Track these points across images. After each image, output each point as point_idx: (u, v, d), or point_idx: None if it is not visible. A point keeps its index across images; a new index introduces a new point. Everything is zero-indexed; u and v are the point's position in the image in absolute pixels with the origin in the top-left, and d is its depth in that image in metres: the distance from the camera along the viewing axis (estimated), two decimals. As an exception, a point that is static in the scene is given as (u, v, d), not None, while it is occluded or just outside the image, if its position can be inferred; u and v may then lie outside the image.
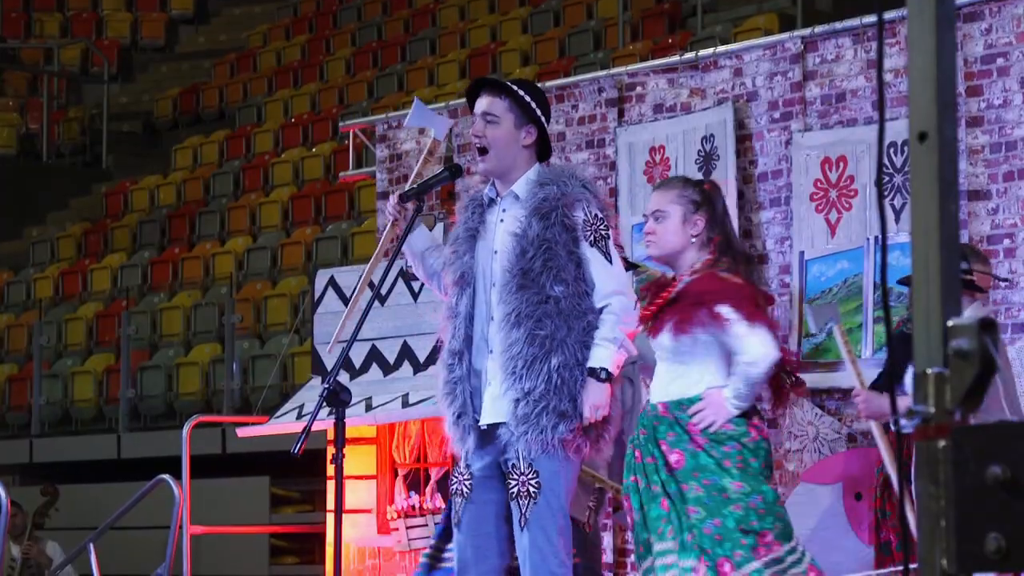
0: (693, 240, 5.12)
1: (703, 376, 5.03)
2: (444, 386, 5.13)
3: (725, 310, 4.97)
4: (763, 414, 5.20)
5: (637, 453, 5.12)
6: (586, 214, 5.06)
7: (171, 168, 17.10)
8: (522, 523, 4.99)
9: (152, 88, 19.41)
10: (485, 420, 5.06)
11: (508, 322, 5.00)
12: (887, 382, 5.70)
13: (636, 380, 6.08)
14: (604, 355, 5.01)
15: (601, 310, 5.05)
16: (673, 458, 5.00)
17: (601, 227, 5.08)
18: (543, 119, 5.22)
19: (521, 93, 5.18)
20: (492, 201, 5.21)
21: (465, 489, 5.10)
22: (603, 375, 5.00)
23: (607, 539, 7.64)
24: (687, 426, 4.99)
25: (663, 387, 5.12)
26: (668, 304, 5.08)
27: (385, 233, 5.40)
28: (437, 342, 5.29)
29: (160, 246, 15.76)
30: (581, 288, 5.03)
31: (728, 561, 4.88)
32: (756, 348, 4.96)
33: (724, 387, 5.01)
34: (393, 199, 5.32)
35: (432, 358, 7.37)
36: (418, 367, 7.90)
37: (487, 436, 5.09)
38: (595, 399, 4.98)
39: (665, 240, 5.12)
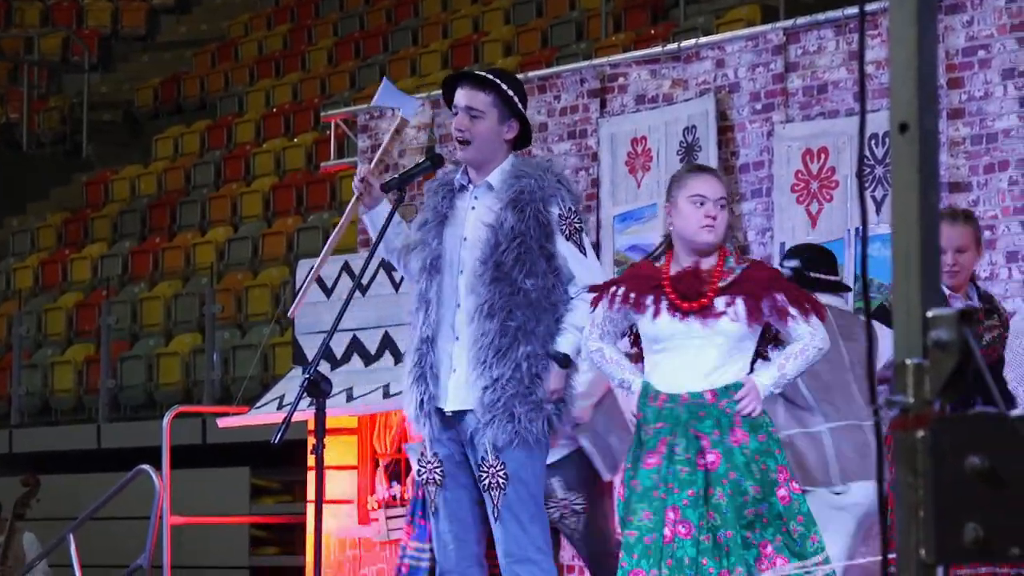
0: (729, 233, 5.18)
1: (746, 364, 4.98)
2: (413, 370, 5.13)
3: (802, 298, 5.01)
4: None
5: (671, 461, 4.88)
6: (561, 208, 5.07)
7: (152, 158, 17.06)
8: (495, 514, 5.01)
9: (133, 78, 19.36)
10: (450, 407, 5.07)
11: (481, 313, 5.01)
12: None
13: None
14: (569, 341, 5.04)
15: (571, 301, 5.08)
16: (710, 459, 4.86)
17: (575, 221, 5.09)
18: (525, 112, 5.23)
19: (504, 87, 5.17)
20: (463, 187, 5.21)
21: (437, 477, 5.12)
22: (563, 360, 5.02)
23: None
24: (733, 416, 4.89)
25: (703, 375, 4.93)
26: (721, 290, 4.96)
27: (350, 206, 5.40)
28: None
29: (141, 236, 15.72)
30: (551, 282, 5.04)
31: (739, 570, 4.84)
32: (825, 340, 4.99)
33: (751, 374, 4.97)
34: (362, 171, 5.32)
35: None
36: (399, 357, 7.89)
37: (450, 423, 5.10)
38: (554, 383, 5.01)
39: (722, 229, 5.03)
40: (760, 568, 4.81)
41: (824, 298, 5.91)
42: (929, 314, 1.93)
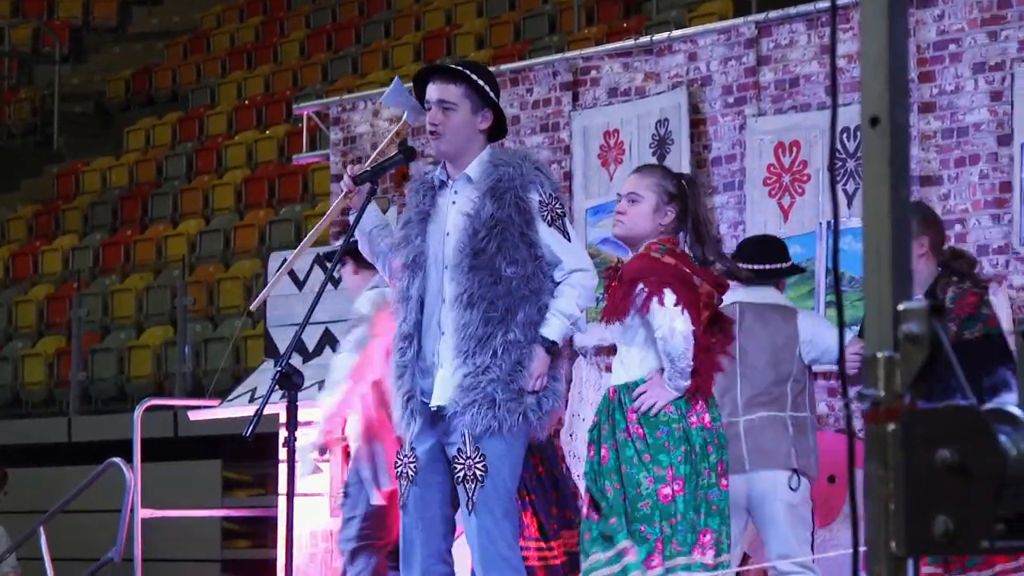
0: (660, 229, 5.13)
1: (644, 359, 5.05)
2: (395, 369, 5.12)
3: (638, 288, 5.01)
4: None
5: (591, 448, 5.14)
6: (541, 195, 5.07)
7: (123, 150, 17.01)
8: (469, 507, 4.99)
9: (104, 69, 19.29)
10: (436, 401, 5.06)
11: (461, 303, 5.00)
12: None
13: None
14: (556, 327, 5.02)
15: (558, 286, 5.08)
16: (603, 452, 5.05)
17: (557, 207, 5.09)
18: (498, 101, 5.22)
19: (475, 78, 5.16)
20: (443, 183, 5.20)
21: (410, 472, 5.10)
22: (550, 346, 5.02)
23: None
24: (627, 411, 5.01)
25: (615, 371, 5.17)
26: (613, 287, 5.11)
27: (335, 204, 5.39)
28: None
29: (112, 228, 15.68)
30: (532, 269, 5.03)
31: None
32: (665, 323, 4.96)
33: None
34: (349, 170, 5.31)
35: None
36: (371, 350, 7.89)
37: (434, 418, 5.09)
38: (537, 368, 5.00)
39: (634, 223, 5.13)
40: (650, 564, 4.89)
41: (744, 293, 5.91)
42: (900, 307, 1.93)
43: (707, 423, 5.05)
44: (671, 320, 4.95)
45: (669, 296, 4.96)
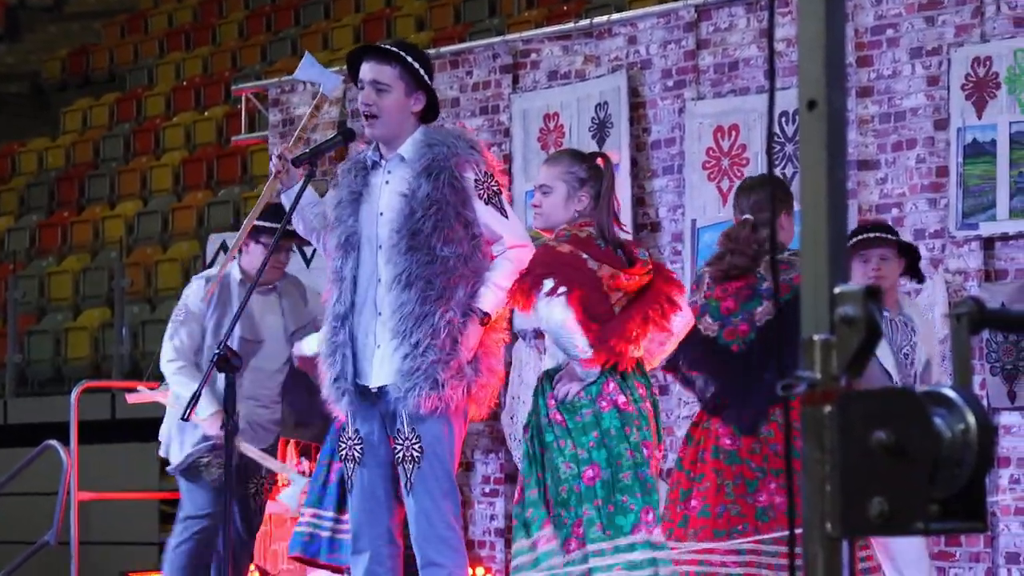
0: (576, 215, 5.15)
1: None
2: (327, 348, 5.12)
3: (530, 279, 5.06)
4: (628, 384, 5.12)
5: (525, 431, 5.20)
6: (476, 173, 5.07)
7: (60, 130, 16.87)
8: (408, 487, 5.00)
9: (40, 49, 19.11)
10: (375, 383, 5.05)
11: (399, 283, 4.99)
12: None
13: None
14: (489, 298, 5.02)
15: (495, 260, 5.09)
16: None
17: (492, 184, 5.09)
18: (431, 84, 5.22)
19: (410, 60, 5.15)
20: (375, 163, 5.19)
21: (356, 454, 5.10)
22: (483, 317, 5.02)
23: (499, 505, 7.67)
24: (547, 397, 5.05)
25: (544, 358, 5.28)
26: None
27: (267, 186, 5.38)
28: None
29: (48, 209, 15.55)
30: (469, 249, 5.03)
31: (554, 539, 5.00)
32: (544, 314, 4.98)
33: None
34: (277, 150, 5.30)
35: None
36: (310, 333, 7.86)
37: (371, 399, 5.08)
38: (470, 338, 5.00)
39: (550, 214, 5.19)
40: (568, 548, 4.92)
41: None
42: (836, 290, 1.94)
43: (622, 404, 5.01)
44: (548, 310, 4.96)
45: (547, 285, 4.98)
